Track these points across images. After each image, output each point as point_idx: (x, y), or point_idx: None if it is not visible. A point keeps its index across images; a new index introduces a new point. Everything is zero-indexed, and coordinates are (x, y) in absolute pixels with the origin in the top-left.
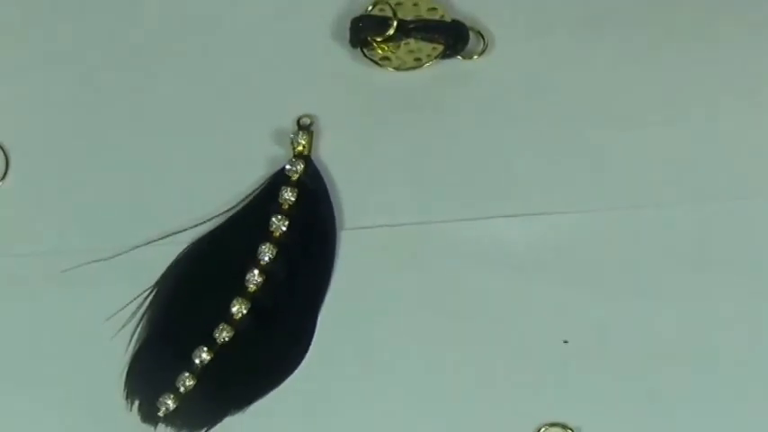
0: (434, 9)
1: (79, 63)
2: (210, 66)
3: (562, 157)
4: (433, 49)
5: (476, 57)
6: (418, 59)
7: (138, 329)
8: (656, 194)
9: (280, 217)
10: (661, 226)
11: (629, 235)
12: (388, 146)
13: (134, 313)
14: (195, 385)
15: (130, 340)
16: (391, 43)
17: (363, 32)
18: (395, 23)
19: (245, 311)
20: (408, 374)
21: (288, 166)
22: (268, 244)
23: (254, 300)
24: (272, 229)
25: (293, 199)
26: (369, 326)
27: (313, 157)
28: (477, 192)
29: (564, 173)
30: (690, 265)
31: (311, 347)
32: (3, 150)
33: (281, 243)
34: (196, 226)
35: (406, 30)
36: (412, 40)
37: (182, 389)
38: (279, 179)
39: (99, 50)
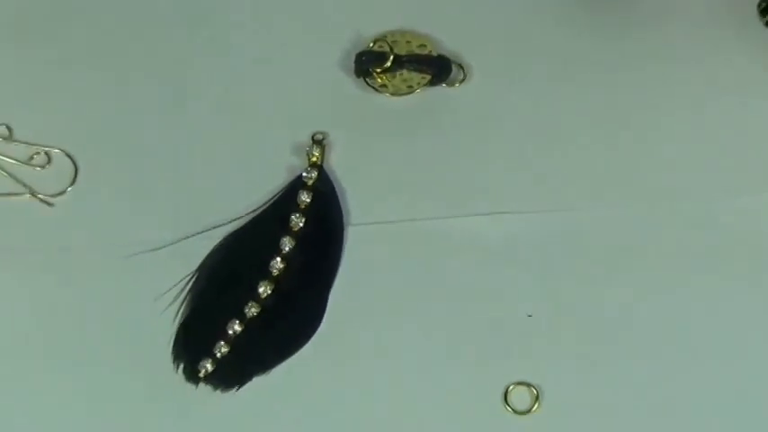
0: (424, 45)
1: (127, 86)
2: (243, 91)
3: (529, 164)
4: (422, 78)
5: (457, 84)
6: (410, 87)
7: (183, 307)
8: (601, 196)
9: (298, 215)
10: (611, 223)
11: (586, 231)
12: (386, 156)
13: (179, 293)
14: (229, 352)
15: (176, 315)
16: (388, 74)
17: (366, 65)
18: (391, 57)
19: (269, 291)
20: (398, 343)
21: (304, 174)
22: (288, 237)
23: (276, 282)
24: (291, 225)
25: (309, 200)
26: (369, 304)
27: (325, 167)
28: (458, 194)
29: (530, 178)
30: (645, 253)
31: (323, 321)
32: (71, 159)
33: (298, 236)
34: (229, 222)
35: (401, 62)
36: (405, 71)
37: (218, 354)
38: (297, 184)
39: (150, 74)
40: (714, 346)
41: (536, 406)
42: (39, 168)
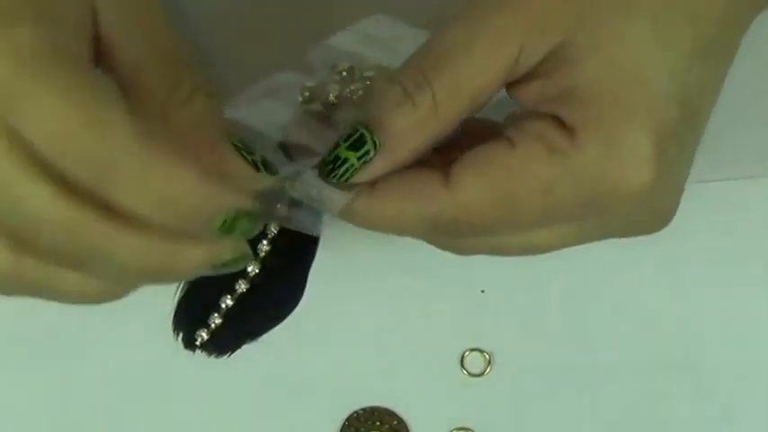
0: None
1: None
2: None
3: None
4: None
5: None
6: None
7: (183, 283)
8: None
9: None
10: None
11: None
12: None
13: None
14: (222, 322)
15: (177, 290)
16: None
17: None
18: None
19: (257, 270)
20: (366, 314)
21: None
22: (273, 223)
23: (263, 261)
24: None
25: None
26: (342, 281)
27: None
28: None
29: None
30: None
31: (303, 295)
32: None
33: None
34: None
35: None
36: None
37: (212, 325)
38: None
39: None
40: (656, 311)
41: (488, 369)
42: None
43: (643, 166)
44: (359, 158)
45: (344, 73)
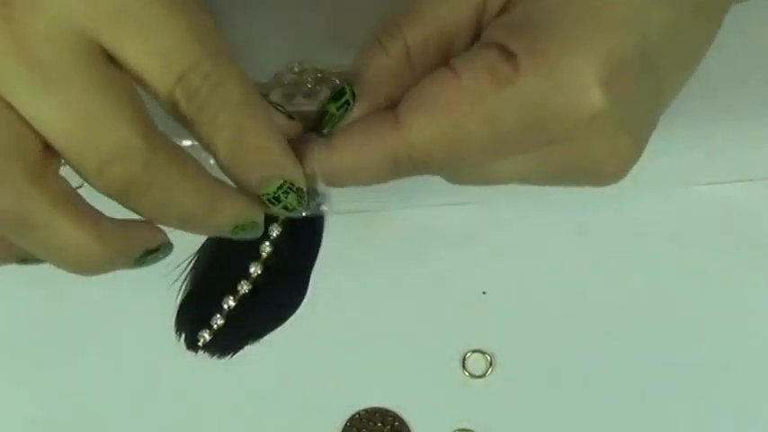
0: None
1: None
2: None
3: None
4: None
5: None
6: None
7: (185, 284)
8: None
9: None
10: (556, 211)
11: (534, 219)
12: None
13: (182, 272)
14: (224, 323)
15: (179, 291)
16: None
17: None
18: None
19: (259, 272)
20: (369, 316)
21: None
22: (275, 224)
23: (265, 263)
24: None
25: None
26: (344, 282)
27: None
28: (425, 187)
29: None
30: (597, 235)
31: (306, 297)
32: None
33: (284, 223)
34: None
35: None
36: None
37: (215, 326)
38: None
39: None
40: (656, 312)
41: (490, 371)
42: None
43: (586, 92)
44: (338, 109)
45: (296, 68)
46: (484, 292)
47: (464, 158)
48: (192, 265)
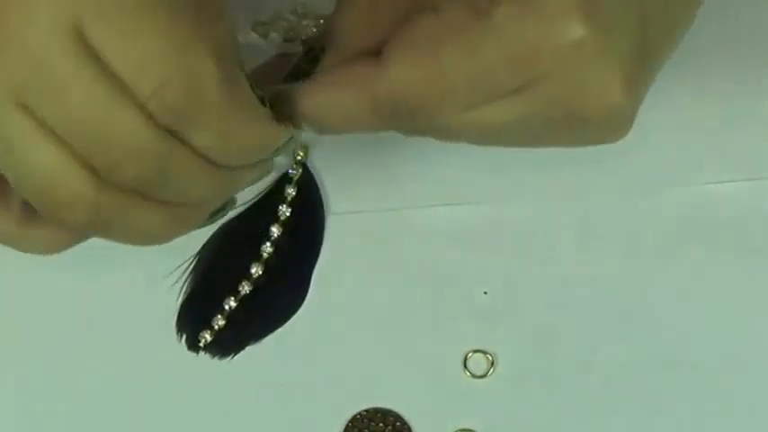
0: None
1: None
2: None
3: (487, 163)
4: None
5: None
6: None
7: (186, 285)
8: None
9: (285, 206)
10: (556, 211)
11: (534, 218)
12: (362, 156)
13: (183, 273)
14: (225, 324)
15: (180, 292)
16: None
17: None
18: None
19: (260, 272)
20: (370, 317)
21: (290, 171)
22: (277, 225)
23: (266, 264)
24: (279, 215)
25: (294, 193)
26: (346, 282)
27: (308, 164)
28: (425, 187)
29: (487, 172)
30: (596, 236)
31: (306, 298)
32: None
33: (285, 224)
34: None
35: None
36: None
37: (216, 327)
38: (284, 179)
39: None
40: (657, 312)
41: (491, 371)
42: None
43: (565, 19)
44: (307, 63)
45: (298, 9)
46: (485, 292)
47: (445, 98)
48: (192, 265)
